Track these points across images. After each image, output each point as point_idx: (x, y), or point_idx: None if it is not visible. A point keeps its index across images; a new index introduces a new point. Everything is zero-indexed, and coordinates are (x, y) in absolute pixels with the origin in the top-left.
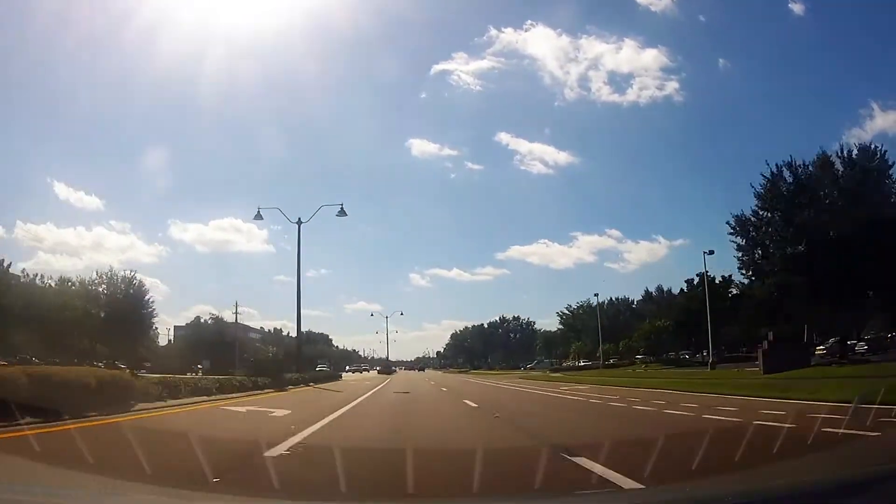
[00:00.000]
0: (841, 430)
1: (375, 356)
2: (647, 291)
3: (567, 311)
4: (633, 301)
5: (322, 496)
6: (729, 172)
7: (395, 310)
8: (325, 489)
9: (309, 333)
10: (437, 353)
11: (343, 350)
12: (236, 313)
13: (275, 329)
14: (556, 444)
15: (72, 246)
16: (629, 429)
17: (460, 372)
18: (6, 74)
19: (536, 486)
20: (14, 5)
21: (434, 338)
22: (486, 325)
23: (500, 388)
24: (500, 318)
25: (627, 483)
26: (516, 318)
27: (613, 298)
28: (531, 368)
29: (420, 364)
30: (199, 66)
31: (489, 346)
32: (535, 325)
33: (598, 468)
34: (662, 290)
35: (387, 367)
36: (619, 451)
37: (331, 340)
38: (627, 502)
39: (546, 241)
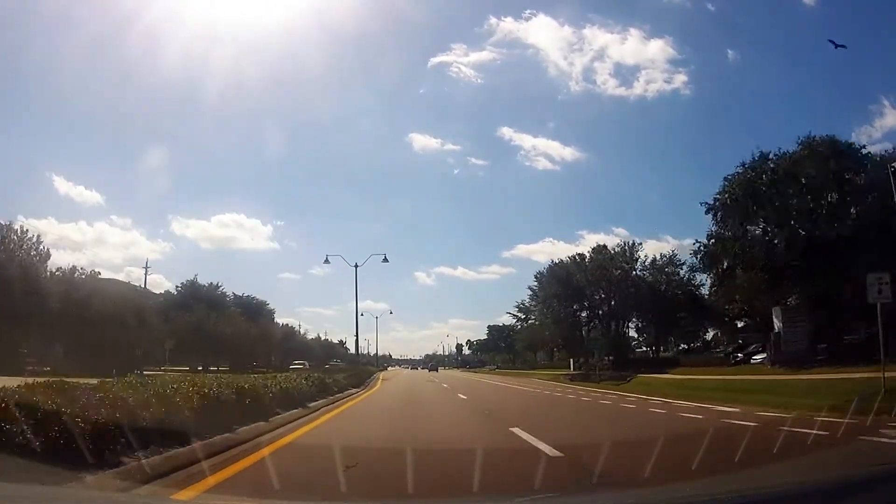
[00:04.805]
0: None
1: (379, 354)
2: None
3: None
4: None
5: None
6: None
7: (401, 308)
8: None
9: (238, 298)
10: (458, 346)
11: (315, 340)
12: None
13: (166, 291)
14: None
15: (74, 241)
16: None
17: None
18: (7, 69)
19: None
20: (16, 0)
21: (442, 336)
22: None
23: None
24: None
25: None
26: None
27: None
28: None
29: (432, 363)
30: (200, 62)
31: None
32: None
33: None
34: None
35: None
36: None
37: (298, 330)
38: (628, 502)
39: (552, 239)
